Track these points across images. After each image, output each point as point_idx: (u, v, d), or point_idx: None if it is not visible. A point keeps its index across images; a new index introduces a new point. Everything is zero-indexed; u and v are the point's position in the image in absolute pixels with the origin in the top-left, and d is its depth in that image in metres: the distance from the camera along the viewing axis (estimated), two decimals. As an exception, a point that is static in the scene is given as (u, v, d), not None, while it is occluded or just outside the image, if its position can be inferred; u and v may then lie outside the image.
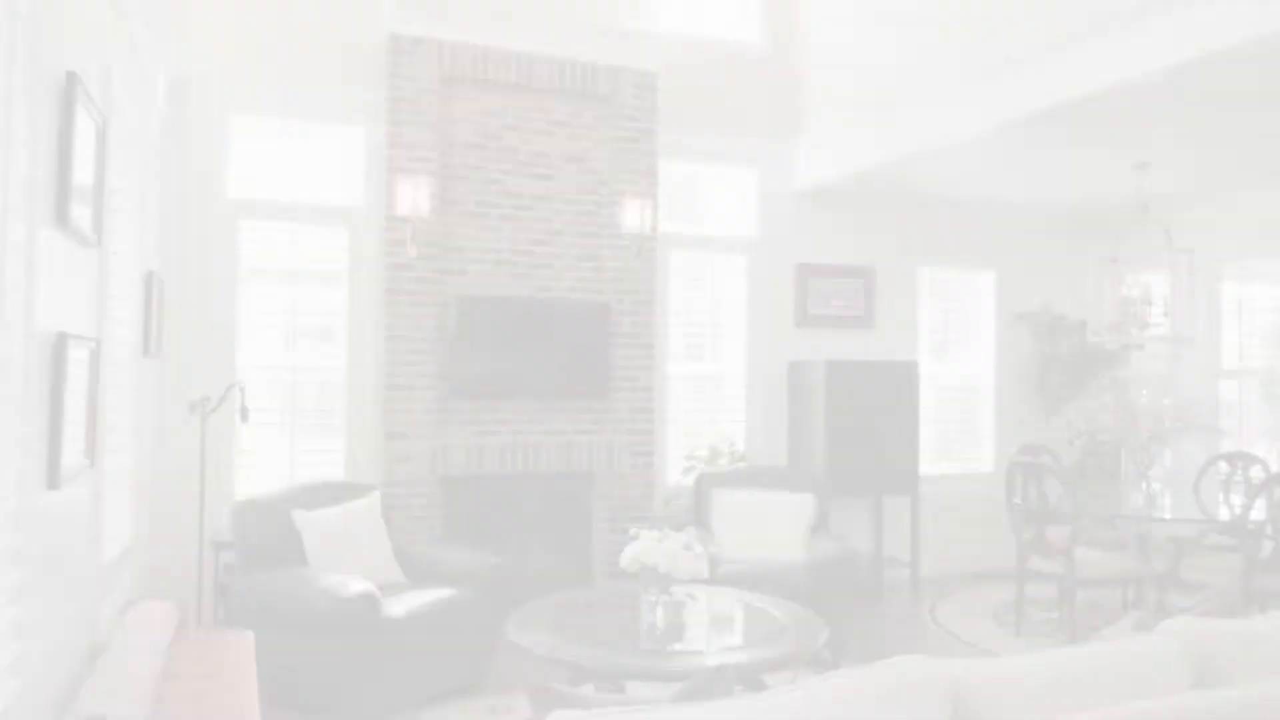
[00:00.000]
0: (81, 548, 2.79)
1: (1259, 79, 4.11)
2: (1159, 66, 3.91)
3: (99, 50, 2.96)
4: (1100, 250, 6.33)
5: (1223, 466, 5.93)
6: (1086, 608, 5.85)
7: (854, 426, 6.29)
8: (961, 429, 7.26)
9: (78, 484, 2.68)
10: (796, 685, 1.71)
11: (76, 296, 2.67)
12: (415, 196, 5.16)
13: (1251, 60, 3.78)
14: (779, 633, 3.54)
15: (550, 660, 3.28)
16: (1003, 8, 4.73)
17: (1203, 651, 2.06)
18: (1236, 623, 2.21)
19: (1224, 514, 5.21)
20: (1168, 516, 5.10)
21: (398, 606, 3.95)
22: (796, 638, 3.47)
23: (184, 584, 4.70)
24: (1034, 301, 7.33)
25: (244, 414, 4.63)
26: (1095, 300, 6.36)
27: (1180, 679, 1.99)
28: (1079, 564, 4.94)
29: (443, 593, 4.19)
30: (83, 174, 2.55)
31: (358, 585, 3.81)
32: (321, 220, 5.40)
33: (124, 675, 2.43)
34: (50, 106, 2.28)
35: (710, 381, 6.49)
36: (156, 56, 4.28)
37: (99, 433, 2.99)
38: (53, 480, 2.29)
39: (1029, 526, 5.15)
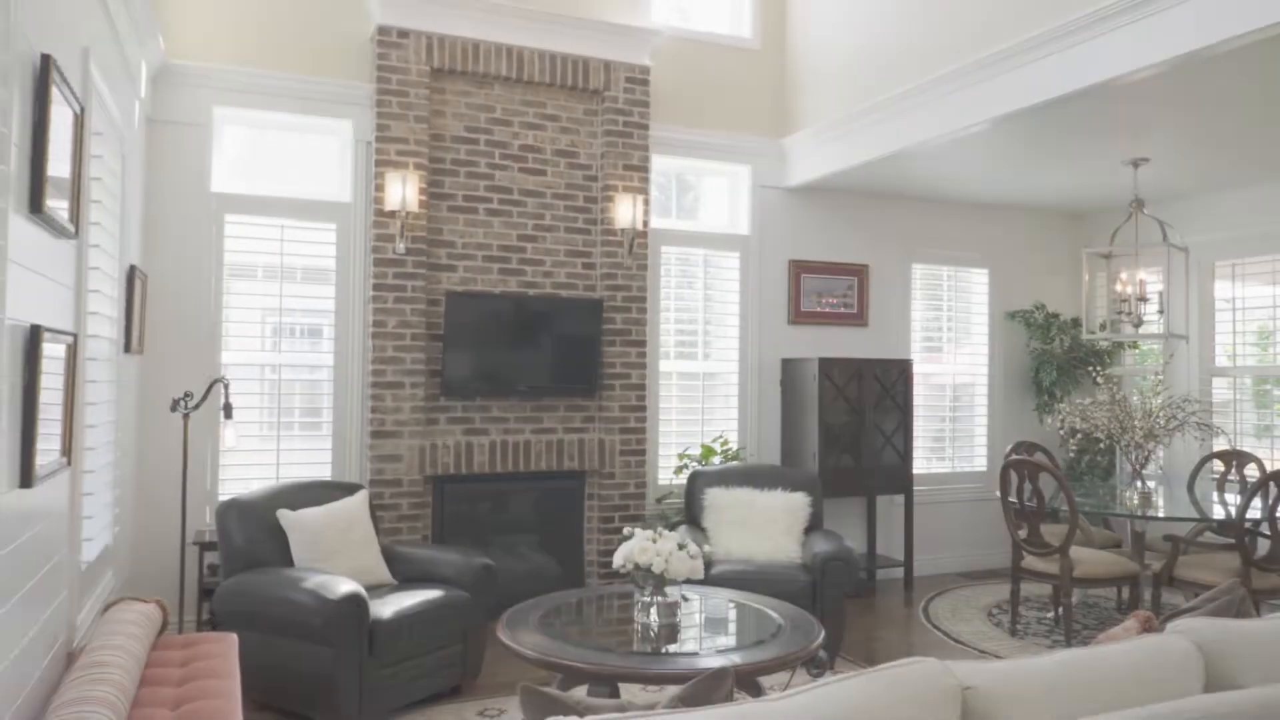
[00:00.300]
0: (58, 547, 2.72)
1: (1255, 76, 4.08)
2: (1154, 63, 3.87)
3: (77, 34, 2.88)
4: (1095, 247, 6.31)
5: (1217, 465, 5.92)
6: (1081, 607, 5.83)
7: (847, 424, 6.24)
8: (955, 427, 7.22)
9: (54, 483, 2.61)
10: (799, 688, 1.65)
11: (53, 289, 2.59)
12: (404, 191, 5.08)
13: (1247, 57, 3.75)
14: (775, 634, 3.48)
15: (542, 663, 3.22)
16: (998, 3, 4.68)
17: (1214, 653, 2.01)
18: (1247, 623, 2.16)
19: (1219, 512, 5.19)
20: (1162, 515, 5.07)
21: (386, 608, 3.88)
22: (792, 639, 3.42)
23: (166, 585, 4.62)
24: (1028, 299, 7.31)
25: (227, 411, 4.54)
26: (1089, 297, 6.34)
27: (1192, 681, 1.94)
28: (1074, 563, 4.91)
29: (432, 594, 4.12)
30: (59, 162, 2.48)
31: (345, 586, 3.73)
32: (308, 215, 5.31)
33: (103, 679, 2.35)
34: (24, 89, 2.20)
35: (703, 379, 6.43)
36: (138, 46, 4.19)
37: (77, 430, 2.91)
38: (26, 478, 2.21)
39: (1023, 525, 5.11)
